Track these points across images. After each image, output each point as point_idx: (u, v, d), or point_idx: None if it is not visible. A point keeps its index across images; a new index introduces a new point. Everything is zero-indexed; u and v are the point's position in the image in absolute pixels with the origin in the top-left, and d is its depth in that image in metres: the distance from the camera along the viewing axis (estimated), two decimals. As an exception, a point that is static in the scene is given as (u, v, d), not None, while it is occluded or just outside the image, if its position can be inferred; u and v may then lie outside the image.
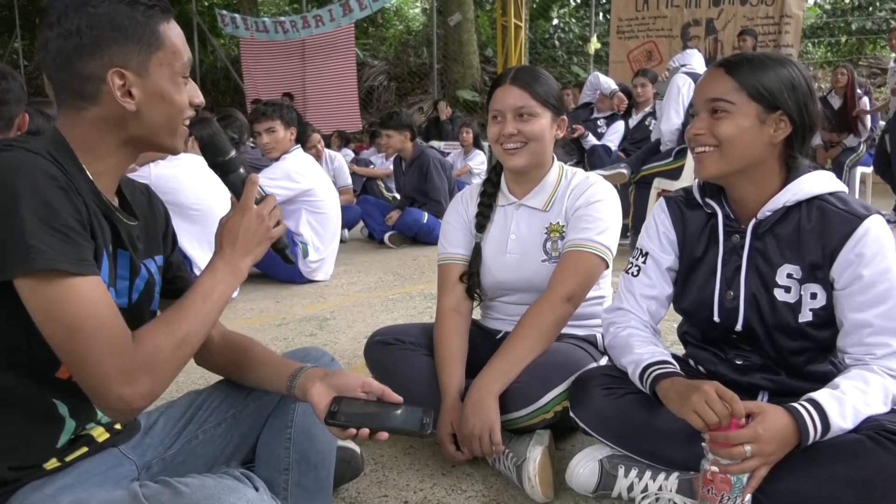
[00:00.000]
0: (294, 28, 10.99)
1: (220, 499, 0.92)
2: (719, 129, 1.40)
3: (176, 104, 1.11)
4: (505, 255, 1.90)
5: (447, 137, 9.10)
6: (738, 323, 1.49)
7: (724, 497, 1.28)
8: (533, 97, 1.79)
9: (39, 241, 0.91)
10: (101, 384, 0.97)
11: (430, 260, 4.66)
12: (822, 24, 13.52)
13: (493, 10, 14.21)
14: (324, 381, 1.22)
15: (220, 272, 1.13)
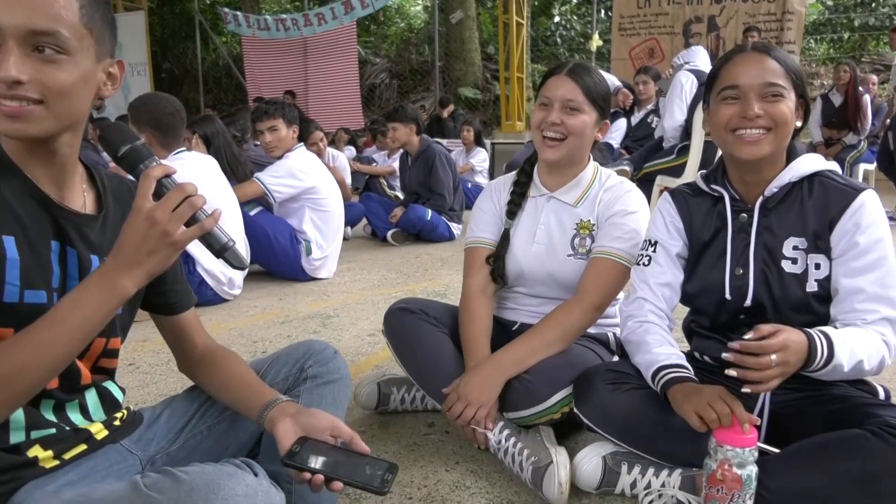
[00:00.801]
0: (296, 26, 10.99)
1: (218, 484, 0.92)
2: (777, 111, 1.45)
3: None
4: (532, 245, 1.92)
5: (449, 135, 9.10)
6: (748, 298, 1.52)
7: (735, 496, 1.28)
8: (584, 93, 1.81)
9: None
10: None
11: (433, 258, 4.67)
12: (824, 21, 13.50)
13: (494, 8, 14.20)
14: (294, 418, 1.16)
15: (89, 290, 0.97)
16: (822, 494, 1.34)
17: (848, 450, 1.31)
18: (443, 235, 5.31)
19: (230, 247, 1.04)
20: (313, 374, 1.39)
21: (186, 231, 0.98)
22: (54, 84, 0.95)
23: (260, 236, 3.70)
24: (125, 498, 0.95)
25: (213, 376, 1.32)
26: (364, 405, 2.00)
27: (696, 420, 1.33)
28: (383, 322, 1.97)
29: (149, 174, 0.98)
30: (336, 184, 4.09)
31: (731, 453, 1.28)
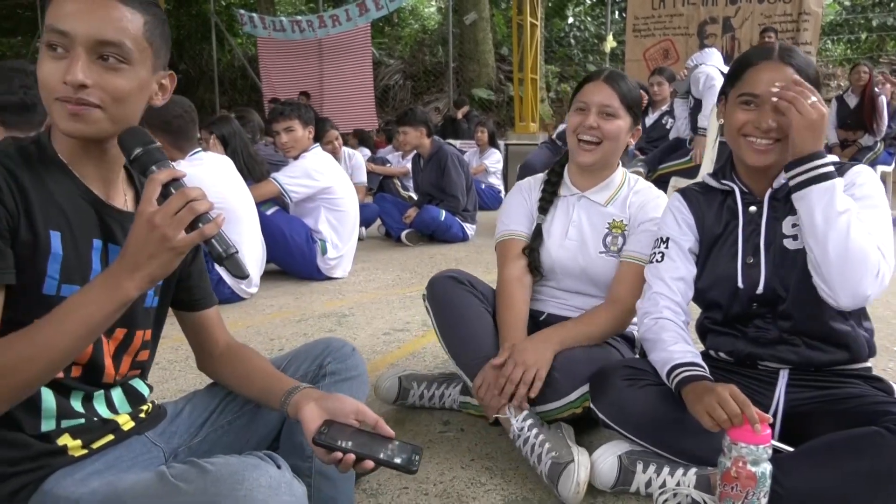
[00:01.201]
0: (311, 27, 11.05)
1: (243, 475, 0.94)
2: (788, 124, 1.46)
3: (40, 75, 1.02)
4: (565, 240, 1.97)
5: (463, 136, 9.12)
6: (760, 285, 1.56)
7: (749, 493, 1.29)
8: (620, 99, 1.88)
9: None
10: None
11: (446, 258, 4.68)
12: (841, 21, 13.40)
13: (508, 9, 14.20)
14: (318, 402, 1.18)
15: (93, 291, 0.98)
16: (837, 492, 1.35)
17: (862, 447, 1.32)
18: (456, 236, 5.33)
19: (231, 254, 1.02)
20: (332, 370, 1.41)
21: (186, 237, 0.97)
22: (114, 90, 1.03)
23: (276, 235, 3.74)
24: (152, 487, 0.98)
25: (234, 370, 1.35)
26: (384, 398, 2.02)
27: (707, 420, 1.34)
28: (427, 287, 1.99)
29: (154, 178, 0.99)
30: (351, 184, 4.12)
31: (746, 451, 1.29)
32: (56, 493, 1.03)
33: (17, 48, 16.65)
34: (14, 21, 16.41)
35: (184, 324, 1.38)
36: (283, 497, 0.95)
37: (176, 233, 0.96)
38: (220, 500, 0.92)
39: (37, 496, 1.04)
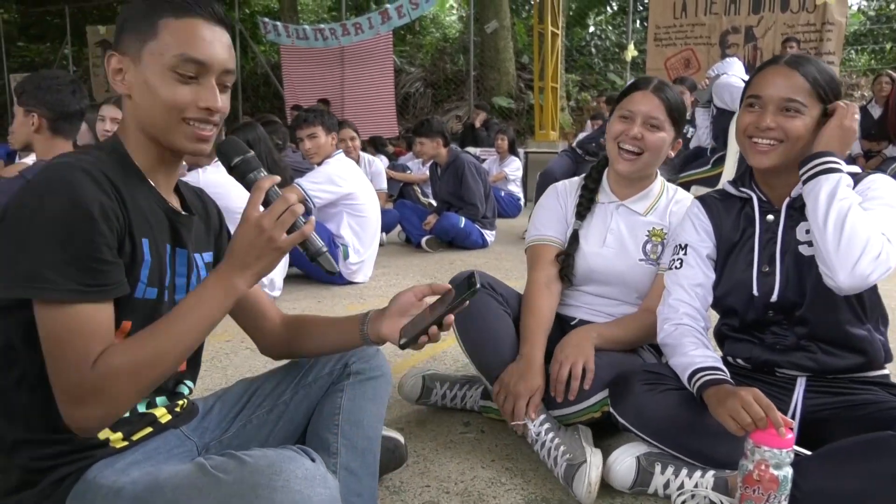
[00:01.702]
0: (333, 35, 11.15)
1: (280, 466, 0.99)
2: (790, 127, 1.51)
3: (160, 97, 1.10)
4: (603, 247, 1.97)
5: (482, 144, 9.16)
6: (775, 294, 1.57)
7: (771, 496, 1.31)
8: (666, 111, 1.87)
9: (52, 269, 0.98)
10: (60, 400, 1.02)
11: (466, 264, 4.72)
12: (865, 31, 13.29)
13: (529, 18, 14.24)
14: (388, 316, 1.33)
15: (209, 289, 1.10)
16: (854, 495, 1.37)
17: (878, 451, 1.34)
18: (476, 243, 5.37)
19: (324, 252, 1.15)
20: (357, 370, 1.45)
21: (289, 237, 1.09)
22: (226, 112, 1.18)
23: (299, 240, 3.79)
24: (191, 477, 1.03)
25: (305, 334, 1.44)
26: (407, 396, 2.06)
27: (731, 423, 1.36)
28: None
29: (260, 185, 1.10)
30: (374, 190, 4.17)
31: (769, 454, 1.31)
32: (99, 482, 1.08)
33: (45, 54, 16.99)
34: (42, 28, 16.76)
35: (238, 312, 1.42)
36: (318, 489, 0.99)
37: (280, 234, 1.08)
38: (258, 490, 0.96)
39: (80, 484, 1.09)
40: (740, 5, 8.92)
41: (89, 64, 14.08)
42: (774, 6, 8.72)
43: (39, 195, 1.00)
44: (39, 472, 1.09)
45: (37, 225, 0.98)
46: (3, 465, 1.10)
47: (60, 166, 1.03)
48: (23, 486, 1.09)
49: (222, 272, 1.10)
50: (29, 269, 0.98)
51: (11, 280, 0.99)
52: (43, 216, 0.98)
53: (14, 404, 1.09)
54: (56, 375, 1.01)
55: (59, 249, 0.98)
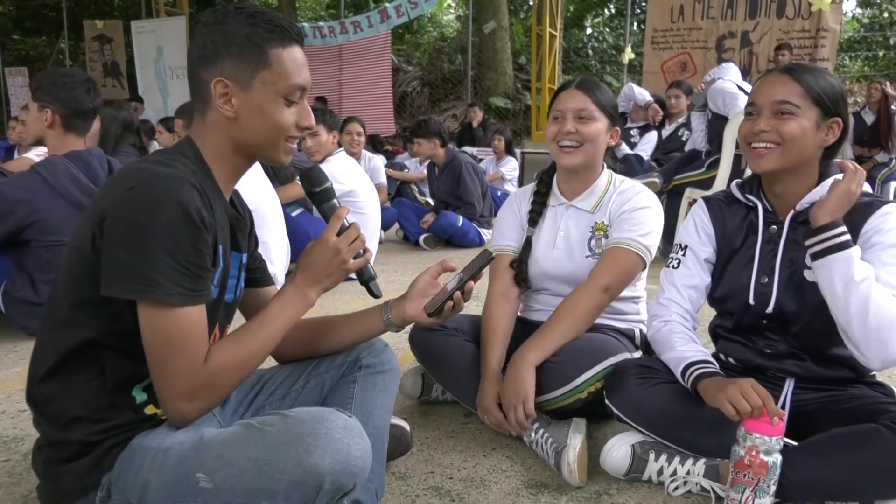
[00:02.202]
0: (332, 33, 11.20)
1: (322, 416, 1.10)
2: (784, 129, 1.55)
3: (273, 120, 1.23)
4: (553, 250, 2.04)
5: (479, 144, 9.23)
6: (770, 306, 1.62)
7: (760, 480, 1.38)
8: (593, 102, 1.95)
9: (162, 275, 1.07)
10: (168, 396, 1.15)
11: (463, 262, 4.75)
12: (859, 38, 13.42)
13: (526, 18, 14.33)
14: (410, 299, 1.46)
15: (288, 298, 1.28)
16: (839, 484, 1.45)
17: (862, 442, 1.41)
18: (473, 241, 5.44)
19: (374, 278, 1.38)
20: (367, 363, 1.52)
21: (355, 262, 1.31)
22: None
23: (301, 236, 3.86)
24: (239, 433, 1.12)
25: (324, 332, 1.53)
26: (408, 394, 2.13)
27: (730, 409, 1.42)
28: (409, 341, 2.09)
29: (339, 214, 1.31)
30: (374, 188, 4.24)
31: (760, 441, 1.38)
32: (145, 445, 1.16)
33: (40, 48, 16.95)
34: (38, 21, 16.71)
35: (253, 306, 1.48)
36: (357, 439, 1.10)
37: (350, 258, 1.30)
38: (304, 437, 1.06)
39: (126, 452, 1.17)
40: (737, 10, 9.00)
41: (86, 59, 14.06)
42: (770, 12, 8.81)
43: (152, 205, 1.07)
44: (92, 445, 1.17)
45: (150, 233, 1.07)
46: (61, 439, 1.18)
47: (168, 177, 1.11)
48: (75, 458, 1.17)
49: (299, 285, 1.29)
50: (141, 273, 1.07)
51: (126, 282, 1.08)
52: (156, 225, 1.07)
53: (79, 387, 1.18)
54: (168, 374, 1.13)
55: (169, 257, 1.08)
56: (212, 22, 1.21)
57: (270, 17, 1.22)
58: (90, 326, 1.16)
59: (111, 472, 1.16)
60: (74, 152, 2.75)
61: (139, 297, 1.09)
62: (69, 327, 1.17)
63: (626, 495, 1.62)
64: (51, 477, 1.21)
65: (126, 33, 13.17)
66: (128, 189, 1.10)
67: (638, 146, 6.09)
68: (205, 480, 1.09)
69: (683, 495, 1.60)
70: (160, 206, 1.07)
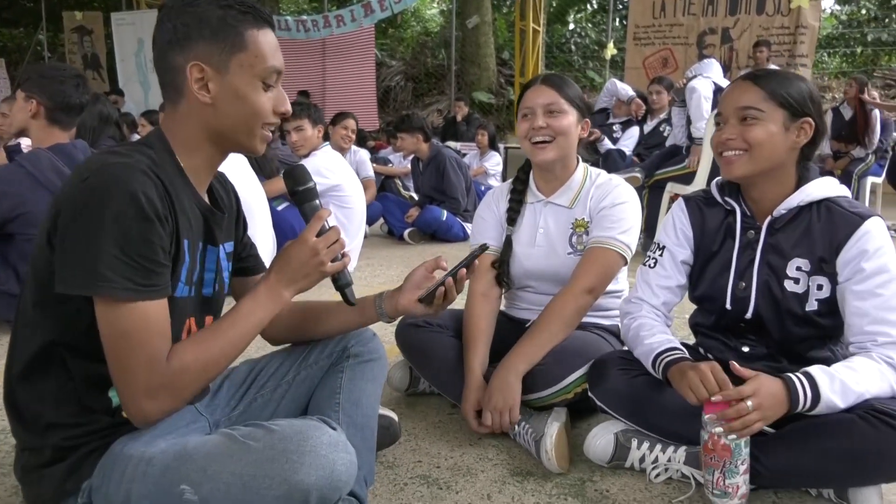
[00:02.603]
0: (315, 27, 11.13)
1: (307, 433, 1.10)
2: (750, 135, 1.56)
3: (250, 105, 1.19)
4: (534, 248, 2.06)
5: (463, 138, 9.24)
6: (749, 311, 1.65)
7: (727, 462, 1.44)
8: (561, 96, 1.96)
9: (111, 269, 1.04)
10: (129, 394, 1.12)
11: (448, 256, 4.78)
12: (837, 35, 13.59)
13: (509, 14, 14.34)
14: (404, 291, 1.46)
15: (260, 297, 1.24)
16: (815, 471, 1.49)
17: (837, 431, 1.44)
18: (457, 235, 5.47)
19: (349, 284, 1.35)
20: (355, 352, 1.54)
21: (332, 265, 1.27)
22: None
23: (286, 231, 3.86)
24: (221, 445, 1.12)
25: (313, 317, 1.52)
26: (396, 387, 2.16)
27: (691, 395, 1.47)
28: (395, 337, 2.12)
29: (321, 215, 1.27)
30: (359, 182, 4.25)
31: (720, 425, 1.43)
32: (127, 453, 1.16)
33: (18, 39, 16.71)
34: (16, 12, 16.46)
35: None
36: (342, 454, 1.10)
37: (328, 260, 1.26)
38: (288, 454, 1.07)
39: (106, 457, 1.17)
40: (717, 7, 9.09)
41: (65, 50, 13.90)
42: (750, 9, 8.90)
43: (101, 196, 1.04)
44: (69, 450, 1.17)
45: (98, 224, 1.04)
46: (37, 444, 1.18)
47: (120, 167, 1.08)
48: (53, 462, 1.17)
49: (273, 284, 1.25)
50: (91, 268, 1.04)
51: (73, 278, 1.06)
52: (104, 216, 1.04)
53: (50, 391, 1.17)
54: (126, 371, 1.09)
55: (118, 249, 1.04)
56: (180, 4, 1.16)
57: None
58: (49, 327, 1.15)
59: (91, 479, 1.16)
60: (59, 145, 2.75)
61: (90, 292, 1.06)
62: (32, 329, 1.16)
63: (609, 482, 1.66)
64: (30, 482, 1.21)
65: (106, 25, 13.04)
66: (82, 181, 1.07)
67: (620, 141, 6.14)
68: (189, 493, 1.09)
69: (665, 482, 1.65)
70: (109, 197, 1.04)
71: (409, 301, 1.45)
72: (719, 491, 1.47)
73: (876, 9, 13.13)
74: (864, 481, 1.48)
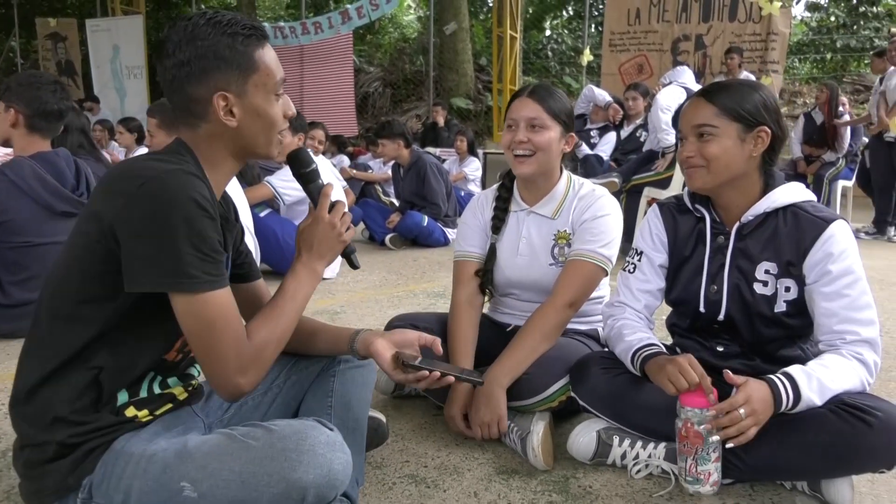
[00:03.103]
0: (293, 34, 11.15)
1: (305, 433, 1.14)
2: (706, 151, 1.63)
3: (270, 118, 1.29)
4: (516, 257, 2.09)
5: (443, 144, 9.30)
6: (721, 313, 1.71)
7: (699, 450, 1.50)
8: (546, 111, 1.98)
9: (193, 267, 1.13)
10: (223, 374, 1.19)
11: (430, 261, 4.86)
12: (808, 42, 13.86)
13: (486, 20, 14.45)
14: (384, 337, 1.45)
15: (300, 275, 1.36)
16: (789, 465, 1.55)
17: (811, 426, 1.50)
18: (438, 241, 5.52)
19: (355, 250, 1.48)
20: (346, 358, 1.58)
21: (347, 233, 1.40)
22: None
23: (269, 237, 3.89)
24: (222, 444, 1.16)
25: (300, 332, 1.52)
26: (382, 390, 2.19)
27: (669, 386, 1.53)
28: None
29: (327, 192, 1.40)
30: (341, 188, 4.28)
31: (692, 413, 1.49)
32: (128, 450, 1.19)
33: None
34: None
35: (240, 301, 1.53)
36: (338, 453, 1.15)
37: (344, 230, 1.39)
38: (287, 453, 1.11)
39: (108, 454, 1.20)
40: (691, 14, 9.24)
41: (38, 57, 13.75)
42: (723, 16, 9.07)
43: (168, 200, 1.12)
44: (72, 447, 1.20)
45: (171, 227, 1.11)
46: (42, 440, 1.20)
47: (177, 172, 1.16)
48: (56, 458, 1.20)
49: (306, 262, 1.38)
50: (170, 267, 1.12)
51: (154, 277, 1.13)
52: (175, 218, 1.11)
53: (68, 388, 1.20)
54: (217, 356, 1.18)
55: (192, 248, 1.13)
56: (185, 38, 1.22)
57: (239, 20, 1.26)
58: (96, 321, 1.19)
59: (92, 475, 1.19)
60: (41, 153, 2.75)
61: (171, 289, 1.14)
62: (74, 323, 1.19)
63: (591, 478, 1.71)
64: (32, 477, 1.23)
65: (80, 31, 12.92)
66: (138, 186, 1.13)
67: (598, 146, 6.23)
68: (189, 490, 1.13)
69: (645, 477, 1.70)
70: (176, 201, 1.12)
71: (384, 348, 1.45)
72: (692, 478, 1.53)
73: (845, 16, 13.42)
74: (837, 473, 1.54)
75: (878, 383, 2.39)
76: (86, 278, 1.19)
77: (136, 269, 1.13)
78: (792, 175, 6.69)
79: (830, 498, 1.55)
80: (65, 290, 1.21)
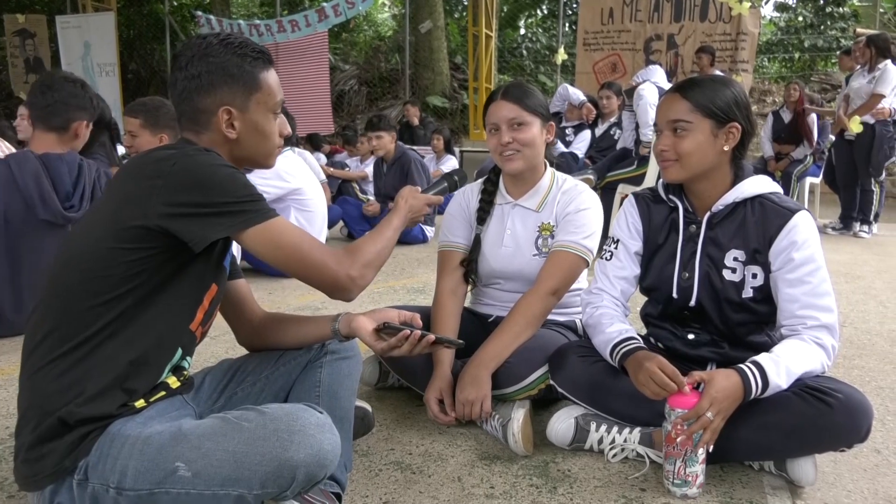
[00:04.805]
0: (269, 32, 11.10)
1: (297, 415, 1.20)
2: (680, 146, 1.70)
3: (267, 134, 1.44)
4: (501, 248, 2.16)
5: (419, 142, 9.35)
6: (693, 299, 1.78)
7: (688, 451, 1.55)
8: (523, 108, 2.05)
9: (253, 204, 1.28)
10: (332, 275, 1.35)
11: (408, 258, 4.91)
12: (776, 41, 14.12)
13: (461, 19, 14.51)
14: (365, 314, 1.55)
15: (393, 218, 1.62)
16: (756, 445, 1.63)
17: (776, 407, 1.59)
18: (416, 238, 5.57)
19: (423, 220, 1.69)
20: (332, 349, 1.64)
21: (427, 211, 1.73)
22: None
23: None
24: (216, 426, 1.21)
25: (281, 328, 1.62)
26: (366, 381, 2.24)
27: (647, 392, 1.61)
28: None
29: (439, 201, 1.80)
30: (320, 186, 4.32)
31: (682, 414, 1.54)
32: (124, 433, 1.23)
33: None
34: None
35: (226, 303, 1.60)
36: (328, 434, 1.21)
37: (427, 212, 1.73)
38: (279, 433, 1.16)
39: (104, 437, 1.24)
40: (663, 14, 9.39)
41: (6, 54, 13.51)
42: (694, 16, 9.23)
43: (204, 165, 1.25)
44: (69, 427, 1.23)
45: (220, 184, 1.25)
46: (46, 424, 1.23)
47: (198, 150, 1.31)
48: (52, 437, 1.23)
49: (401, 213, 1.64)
50: (233, 210, 1.26)
51: (221, 226, 1.26)
52: (221, 177, 1.25)
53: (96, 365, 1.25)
54: (315, 263, 1.34)
55: (246, 191, 1.28)
56: (198, 54, 1.36)
57: (248, 44, 1.40)
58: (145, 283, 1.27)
59: (88, 457, 1.23)
60: (47, 154, 2.79)
61: (246, 226, 1.27)
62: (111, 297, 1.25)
63: (570, 462, 1.78)
64: (31, 460, 1.25)
65: (50, 27, 12.73)
66: (172, 165, 1.25)
67: (573, 144, 6.32)
68: (183, 469, 1.18)
69: (621, 461, 1.78)
70: (212, 165, 1.26)
71: (365, 324, 1.52)
72: (680, 480, 1.58)
73: (812, 16, 13.70)
74: (801, 452, 1.63)
75: (843, 370, 2.51)
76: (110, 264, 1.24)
77: (205, 224, 1.25)
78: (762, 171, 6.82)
79: (795, 477, 1.64)
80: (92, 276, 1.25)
